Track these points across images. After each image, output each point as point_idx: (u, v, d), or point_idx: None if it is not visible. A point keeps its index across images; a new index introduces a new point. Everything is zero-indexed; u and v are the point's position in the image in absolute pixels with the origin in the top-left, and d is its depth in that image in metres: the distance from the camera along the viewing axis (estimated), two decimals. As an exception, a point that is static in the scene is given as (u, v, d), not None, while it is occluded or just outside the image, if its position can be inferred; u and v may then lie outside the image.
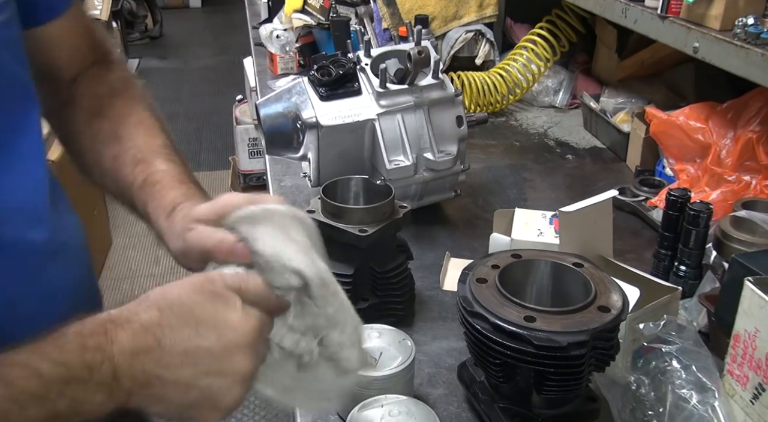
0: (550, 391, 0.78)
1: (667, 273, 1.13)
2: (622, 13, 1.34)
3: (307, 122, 1.25)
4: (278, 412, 2.52)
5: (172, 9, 7.68)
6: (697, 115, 1.38)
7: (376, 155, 1.29)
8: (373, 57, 1.33)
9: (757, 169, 1.26)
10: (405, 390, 0.89)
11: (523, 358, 0.75)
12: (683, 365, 0.79)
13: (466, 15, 1.91)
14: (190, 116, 5.12)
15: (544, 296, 0.87)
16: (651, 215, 1.37)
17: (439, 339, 1.05)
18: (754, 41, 1.01)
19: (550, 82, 2.01)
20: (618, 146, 1.69)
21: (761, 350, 0.74)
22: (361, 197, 1.10)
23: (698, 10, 1.12)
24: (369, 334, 0.92)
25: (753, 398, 0.75)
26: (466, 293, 0.81)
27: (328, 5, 2.08)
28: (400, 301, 1.06)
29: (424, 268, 1.22)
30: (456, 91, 1.33)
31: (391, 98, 1.28)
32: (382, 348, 0.91)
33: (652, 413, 0.79)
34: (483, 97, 1.87)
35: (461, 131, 1.33)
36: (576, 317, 0.76)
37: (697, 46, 1.12)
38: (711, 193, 1.29)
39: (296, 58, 2.27)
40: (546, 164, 1.67)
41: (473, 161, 1.55)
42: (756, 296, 0.74)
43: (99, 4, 4.75)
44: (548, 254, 0.90)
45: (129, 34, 6.35)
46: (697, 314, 1.01)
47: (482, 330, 0.77)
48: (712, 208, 1.06)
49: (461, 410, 0.92)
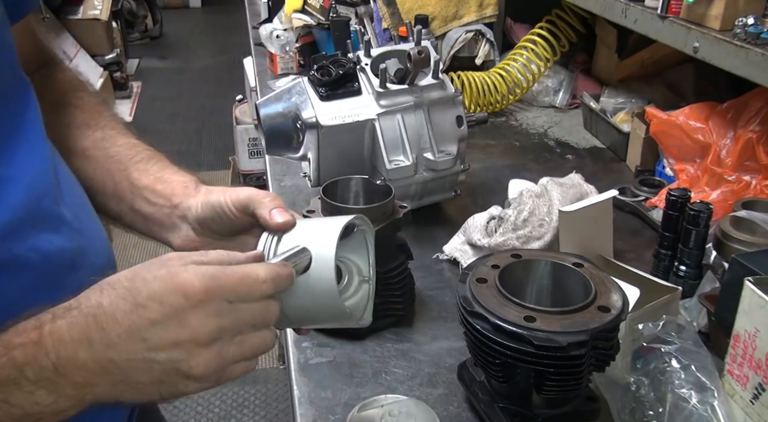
0: (550, 391, 0.78)
1: (667, 273, 1.13)
2: (622, 13, 1.34)
3: (307, 121, 1.25)
4: (278, 412, 2.52)
5: (172, 9, 7.68)
6: (697, 115, 1.38)
7: (376, 155, 1.29)
8: (373, 57, 1.33)
9: (757, 169, 1.26)
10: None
11: (523, 358, 0.75)
12: (683, 365, 0.79)
13: (466, 15, 1.91)
14: (190, 116, 5.12)
15: (544, 296, 0.87)
16: (651, 215, 1.37)
17: (439, 339, 1.05)
18: (754, 41, 1.01)
19: (550, 82, 2.01)
20: (618, 146, 1.69)
21: (761, 350, 0.73)
22: (361, 197, 1.10)
23: (698, 10, 1.12)
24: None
25: (753, 398, 0.75)
26: (466, 293, 0.81)
27: (328, 5, 2.08)
28: (400, 301, 1.06)
29: (424, 268, 1.22)
30: (456, 92, 1.33)
31: (391, 98, 1.28)
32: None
33: (651, 413, 0.79)
34: (483, 97, 1.87)
35: (461, 131, 1.33)
36: (576, 317, 0.76)
37: (697, 46, 1.12)
38: (711, 193, 1.29)
39: (296, 58, 2.27)
40: (546, 164, 1.67)
41: (473, 161, 1.55)
42: (756, 296, 0.74)
43: (99, 4, 4.75)
44: (548, 254, 0.90)
45: (129, 34, 6.35)
46: (697, 314, 1.01)
47: (482, 330, 0.77)
48: (712, 208, 1.06)
49: (461, 410, 0.92)
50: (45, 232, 0.70)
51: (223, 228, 0.79)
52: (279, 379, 2.65)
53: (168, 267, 0.61)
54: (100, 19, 4.72)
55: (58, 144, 0.81)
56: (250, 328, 0.63)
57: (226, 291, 0.60)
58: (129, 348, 0.58)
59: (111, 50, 4.89)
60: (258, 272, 0.63)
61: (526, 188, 1.20)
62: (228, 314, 0.61)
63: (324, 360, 1.00)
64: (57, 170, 0.76)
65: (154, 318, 0.58)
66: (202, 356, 0.59)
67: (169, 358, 0.59)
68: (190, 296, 0.59)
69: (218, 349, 0.60)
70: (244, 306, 0.62)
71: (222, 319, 0.60)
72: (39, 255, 0.69)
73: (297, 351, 1.02)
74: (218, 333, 0.60)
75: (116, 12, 5.28)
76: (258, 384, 2.64)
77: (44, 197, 0.72)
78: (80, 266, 0.74)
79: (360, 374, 0.98)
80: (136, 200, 0.82)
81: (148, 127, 4.66)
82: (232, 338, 0.61)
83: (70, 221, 0.74)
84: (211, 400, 2.57)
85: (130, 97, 5.25)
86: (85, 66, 4.53)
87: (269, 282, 0.63)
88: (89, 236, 0.77)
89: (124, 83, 5.17)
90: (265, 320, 0.64)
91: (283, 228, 0.72)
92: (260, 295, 0.63)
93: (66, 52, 4.38)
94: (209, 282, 0.60)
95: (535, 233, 1.12)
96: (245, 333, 0.63)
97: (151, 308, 0.58)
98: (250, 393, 2.60)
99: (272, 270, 0.64)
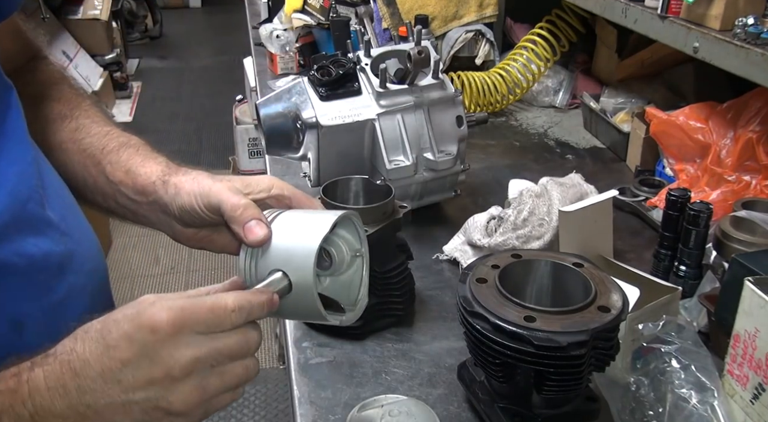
0: (550, 391, 0.78)
1: (667, 273, 1.13)
2: (622, 13, 1.34)
3: (307, 121, 1.25)
4: (278, 412, 2.52)
5: (172, 9, 7.68)
6: (697, 115, 1.38)
7: (376, 155, 1.29)
8: (373, 57, 1.33)
9: (757, 169, 1.26)
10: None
11: (523, 358, 0.75)
12: (683, 365, 0.79)
13: (466, 15, 1.91)
14: (190, 116, 5.12)
15: (544, 296, 0.87)
16: (651, 215, 1.37)
17: (439, 339, 1.05)
18: (754, 41, 1.01)
19: (550, 82, 2.01)
20: (618, 146, 1.69)
21: (761, 350, 0.73)
22: (361, 197, 1.10)
23: (698, 10, 1.12)
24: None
25: (753, 398, 0.75)
26: (466, 293, 0.81)
27: (328, 5, 2.07)
28: (400, 301, 1.06)
29: (424, 268, 1.22)
30: (456, 92, 1.33)
31: (391, 98, 1.28)
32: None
33: (651, 413, 0.79)
34: (483, 97, 1.87)
35: (461, 131, 1.33)
36: (576, 317, 0.76)
37: (697, 46, 1.12)
38: (711, 193, 1.29)
39: (296, 58, 2.27)
40: (546, 164, 1.67)
41: (473, 161, 1.55)
42: (756, 296, 0.74)
43: (99, 4, 4.75)
44: (548, 254, 0.90)
45: (129, 34, 6.35)
46: (697, 314, 1.01)
47: (482, 330, 0.77)
48: (712, 208, 1.06)
49: (461, 410, 0.92)
50: (31, 236, 0.69)
51: (205, 223, 0.77)
52: (279, 379, 2.65)
53: (138, 306, 0.60)
54: (100, 19, 4.72)
55: (38, 139, 0.80)
56: (228, 359, 0.61)
57: (195, 323, 0.59)
58: (104, 391, 0.57)
59: (111, 50, 4.89)
60: (227, 302, 0.61)
61: (526, 188, 1.20)
62: (200, 345, 0.59)
63: (324, 360, 1.00)
64: (42, 172, 0.75)
65: (125, 358, 0.57)
66: (180, 390, 0.58)
67: (147, 397, 0.57)
68: (158, 330, 0.57)
69: (197, 382, 0.59)
70: (218, 337, 0.60)
71: (194, 351, 0.59)
72: (25, 260, 0.68)
73: (297, 351, 1.02)
74: (192, 365, 0.58)
75: (116, 12, 5.28)
76: (258, 384, 2.64)
77: (29, 201, 0.71)
78: (68, 271, 0.73)
79: (360, 374, 0.98)
80: (117, 196, 0.81)
81: (148, 127, 4.67)
82: (211, 369, 0.60)
83: (57, 224, 0.73)
84: (211, 400, 2.56)
85: (130, 97, 5.25)
86: (85, 66, 4.53)
87: (238, 311, 0.61)
88: (77, 240, 0.77)
89: (124, 83, 5.17)
90: (243, 350, 0.62)
91: (260, 245, 0.69)
92: (231, 324, 0.61)
93: (66, 52, 4.38)
94: (176, 315, 0.58)
95: (535, 233, 1.12)
96: (224, 363, 0.61)
97: (122, 348, 0.57)
98: (250, 393, 2.60)
99: (242, 298, 0.62)
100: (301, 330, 1.06)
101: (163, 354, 0.57)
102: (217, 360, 0.60)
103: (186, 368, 0.58)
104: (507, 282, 0.82)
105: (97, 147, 0.82)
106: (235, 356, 0.61)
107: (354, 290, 0.76)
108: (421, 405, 0.85)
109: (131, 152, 0.81)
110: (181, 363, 0.58)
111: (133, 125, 4.60)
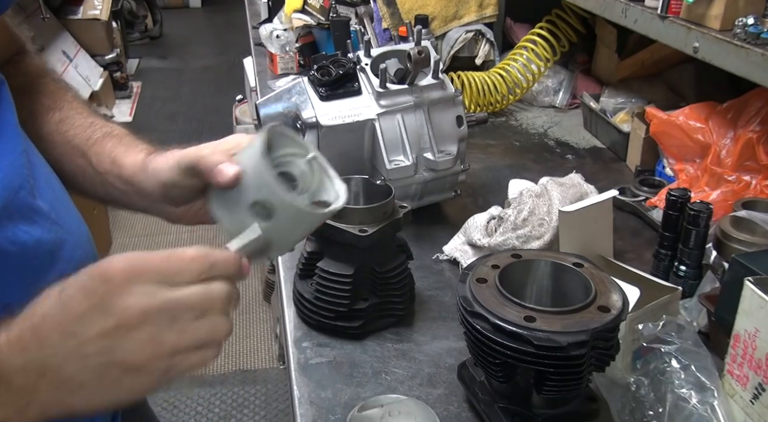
0: (550, 391, 0.78)
1: (667, 273, 1.13)
2: (622, 13, 1.34)
3: (307, 122, 1.25)
4: (278, 412, 2.52)
5: (172, 9, 7.68)
6: (697, 115, 1.38)
7: (376, 155, 1.29)
8: (373, 57, 1.33)
9: (757, 169, 1.26)
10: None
11: (523, 358, 0.75)
12: (683, 365, 0.79)
13: (466, 15, 1.91)
14: (190, 116, 5.12)
15: (544, 296, 0.87)
16: (651, 215, 1.37)
17: (439, 339, 1.05)
18: (754, 41, 1.01)
19: (550, 82, 2.01)
20: (618, 146, 1.69)
21: (761, 350, 0.74)
22: (361, 197, 1.10)
23: (698, 10, 1.12)
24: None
25: (753, 398, 0.75)
26: (466, 293, 0.81)
27: (328, 5, 2.08)
28: (400, 301, 1.06)
29: (424, 268, 1.22)
30: (456, 92, 1.33)
31: (391, 98, 1.28)
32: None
33: (651, 413, 0.79)
34: (483, 97, 1.87)
35: (461, 131, 1.33)
36: (576, 317, 0.76)
37: (697, 46, 1.12)
38: (711, 193, 1.29)
39: (296, 58, 2.27)
40: (546, 164, 1.67)
41: (473, 161, 1.55)
42: (756, 296, 0.74)
43: (99, 4, 4.75)
44: (548, 254, 0.90)
45: (129, 34, 6.34)
46: (697, 315, 1.01)
47: (482, 330, 0.77)
48: (712, 208, 1.06)
49: (461, 410, 0.92)
50: (22, 224, 0.70)
51: (192, 194, 0.76)
52: (279, 379, 2.65)
53: (101, 261, 0.59)
54: (100, 19, 4.72)
55: (25, 131, 0.80)
56: (189, 313, 0.58)
57: (149, 271, 0.57)
58: (61, 345, 0.56)
59: (111, 50, 4.88)
60: (186, 251, 0.59)
61: (526, 188, 1.20)
62: (153, 294, 0.57)
63: (324, 360, 1.00)
64: (32, 163, 0.76)
65: (80, 310, 0.56)
66: (132, 340, 0.56)
67: (99, 350, 0.56)
68: (111, 279, 0.56)
69: (150, 334, 0.56)
70: (176, 288, 0.58)
71: (147, 300, 0.56)
72: (17, 246, 0.69)
73: (297, 351, 1.03)
74: (143, 315, 0.56)
75: (116, 12, 5.27)
76: (258, 384, 2.64)
77: (20, 190, 0.71)
78: (60, 258, 0.74)
79: (360, 374, 0.98)
80: (105, 186, 0.82)
81: (148, 127, 4.66)
82: (169, 324, 0.57)
83: (47, 212, 0.74)
84: (211, 400, 2.56)
85: (130, 97, 5.25)
86: (85, 66, 4.53)
87: (199, 261, 0.59)
88: (68, 229, 0.77)
89: (124, 83, 5.17)
90: (204, 303, 0.59)
91: (232, 183, 0.67)
92: (190, 275, 0.58)
93: (66, 52, 4.38)
94: (130, 263, 0.57)
95: (535, 233, 1.12)
96: (184, 318, 0.58)
97: (77, 299, 0.56)
98: (250, 393, 2.60)
99: (203, 249, 0.60)
100: (302, 330, 1.07)
101: (115, 303, 0.56)
102: (173, 313, 0.57)
103: (137, 317, 0.56)
104: (507, 282, 0.82)
105: (81, 138, 0.84)
106: (195, 309, 0.58)
107: (330, 188, 0.78)
108: (421, 405, 0.85)
109: (115, 143, 0.83)
110: (132, 311, 0.56)
111: (133, 124, 4.59)
